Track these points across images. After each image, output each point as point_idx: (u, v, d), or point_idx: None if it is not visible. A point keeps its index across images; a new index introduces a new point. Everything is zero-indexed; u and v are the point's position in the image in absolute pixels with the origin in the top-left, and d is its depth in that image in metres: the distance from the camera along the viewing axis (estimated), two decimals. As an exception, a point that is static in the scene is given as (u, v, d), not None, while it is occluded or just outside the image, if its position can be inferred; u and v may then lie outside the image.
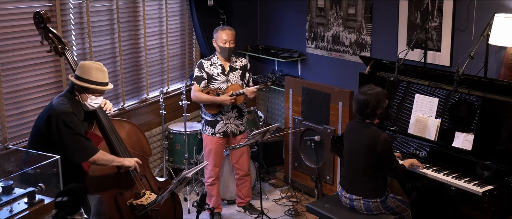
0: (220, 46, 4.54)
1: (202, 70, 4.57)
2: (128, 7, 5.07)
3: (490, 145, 3.68)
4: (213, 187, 4.77)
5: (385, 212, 3.74)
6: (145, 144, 3.96)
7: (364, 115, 3.70)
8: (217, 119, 4.62)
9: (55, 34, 3.60)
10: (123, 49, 5.06)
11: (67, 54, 3.62)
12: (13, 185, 2.86)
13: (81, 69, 3.41)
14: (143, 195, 3.69)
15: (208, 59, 4.64)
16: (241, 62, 4.68)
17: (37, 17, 3.53)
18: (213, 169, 4.71)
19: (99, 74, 3.42)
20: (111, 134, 3.65)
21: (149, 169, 3.98)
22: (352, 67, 5.33)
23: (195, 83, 4.56)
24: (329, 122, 5.00)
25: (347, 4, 5.38)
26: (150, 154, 4.03)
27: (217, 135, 4.64)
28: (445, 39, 4.60)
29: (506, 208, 3.46)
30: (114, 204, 3.62)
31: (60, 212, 2.49)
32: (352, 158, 3.81)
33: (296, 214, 4.92)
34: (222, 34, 4.52)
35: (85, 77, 3.39)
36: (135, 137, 3.89)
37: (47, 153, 3.07)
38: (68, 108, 3.35)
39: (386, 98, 3.75)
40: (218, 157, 4.70)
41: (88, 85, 3.39)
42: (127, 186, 3.70)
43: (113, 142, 3.64)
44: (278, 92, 6.10)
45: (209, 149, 4.70)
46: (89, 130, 3.62)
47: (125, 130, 3.84)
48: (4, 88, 4.01)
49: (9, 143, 4.06)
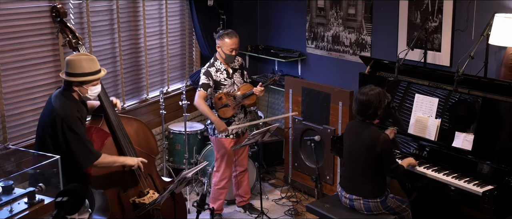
0: (226, 53, 4.49)
1: (210, 78, 4.51)
2: (128, 7, 5.07)
3: (490, 145, 3.68)
4: (224, 191, 4.75)
5: (385, 212, 3.74)
6: (152, 142, 3.96)
7: (366, 116, 3.70)
8: (230, 120, 4.61)
9: (70, 28, 3.67)
10: (123, 49, 5.06)
11: (80, 48, 3.67)
12: (13, 185, 2.86)
13: (71, 65, 3.37)
14: (146, 194, 3.71)
15: (212, 66, 4.56)
16: (238, 62, 4.68)
17: (55, 11, 3.63)
18: (227, 170, 4.69)
19: (91, 64, 3.41)
20: (118, 130, 3.66)
21: (155, 168, 3.99)
22: (352, 67, 5.33)
23: (202, 90, 4.49)
24: (329, 122, 5.00)
25: (347, 4, 5.38)
26: (157, 153, 4.04)
27: (231, 136, 4.63)
28: (445, 39, 4.60)
29: (506, 208, 3.46)
30: (117, 201, 3.64)
31: (60, 212, 2.49)
32: (352, 158, 3.81)
33: (296, 214, 4.92)
34: (228, 42, 4.46)
35: (79, 72, 3.36)
36: (142, 135, 3.90)
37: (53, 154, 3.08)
38: (72, 111, 3.34)
39: (386, 98, 3.76)
40: (230, 159, 4.69)
41: (84, 79, 3.37)
42: (132, 183, 3.71)
43: (120, 138, 3.66)
44: (278, 92, 6.10)
45: (223, 152, 4.64)
46: (97, 125, 3.62)
47: (133, 127, 3.84)
48: (4, 88, 4.01)
49: (9, 143, 4.06)
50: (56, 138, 3.32)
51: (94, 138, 3.59)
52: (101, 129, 3.63)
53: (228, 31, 4.54)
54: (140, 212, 3.53)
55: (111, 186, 3.61)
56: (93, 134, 3.61)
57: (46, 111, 3.44)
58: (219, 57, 4.58)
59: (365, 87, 3.74)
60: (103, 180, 3.57)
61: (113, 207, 3.61)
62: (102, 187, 3.59)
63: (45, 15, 4.28)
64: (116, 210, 3.63)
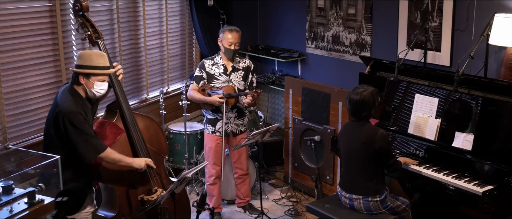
0: (225, 47, 4.53)
1: (202, 70, 4.57)
2: (128, 7, 5.07)
3: (490, 145, 3.68)
4: (214, 187, 4.77)
5: (385, 212, 3.74)
6: (163, 141, 3.97)
7: (361, 117, 3.72)
8: (217, 117, 4.62)
9: (92, 23, 3.72)
10: (123, 49, 5.06)
11: (100, 43, 3.72)
12: (13, 185, 2.86)
13: (82, 58, 3.41)
14: (154, 192, 3.72)
15: (210, 59, 4.63)
16: (245, 63, 4.67)
17: (78, 5, 3.67)
18: (214, 167, 4.70)
19: (101, 59, 3.43)
20: (132, 126, 3.67)
21: (163, 168, 3.99)
22: (352, 67, 5.33)
23: (194, 83, 4.57)
24: (329, 122, 5.00)
25: (347, 4, 5.38)
26: (167, 152, 4.04)
27: (217, 134, 4.64)
28: (445, 39, 4.60)
29: (506, 208, 3.46)
30: (125, 197, 3.64)
31: (60, 212, 2.49)
32: (350, 158, 3.82)
33: (296, 214, 4.92)
34: (228, 35, 4.50)
35: (87, 64, 3.39)
36: (154, 132, 3.90)
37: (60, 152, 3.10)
38: (73, 106, 3.35)
39: (379, 96, 3.78)
40: (218, 156, 4.70)
41: (92, 71, 3.39)
42: (142, 181, 3.71)
43: (133, 135, 3.67)
44: (278, 92, 6.10)
45: (209, 147, 4.69)
46: (111, 120, 3.63)
47: (144, 123, 3.84)
48: (4, 88, 4.01)
49: (9, 143, 4.06)
50: (60, 132, 3.35)
51: (107, 133, 3.60)
52: (115, 124, 3.64)
53: (232, 26, 4.58)
54: (140, 212, 3.53)
55: (122, 181, 3.62)
56: (107, 128, 3.63)
57: (52, 106, 3.47)
58: (221, 53, 4.61)
59: (358, 88, 3.75)
60: (114, 175, 3.57)
61: (121, 203, 3.62)
62: (112, 182, 3.60)
63: (45, 15, 4.29)
64: (124, 206, 3.64)
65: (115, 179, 3.60)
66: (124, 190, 3.64)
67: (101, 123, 3.69)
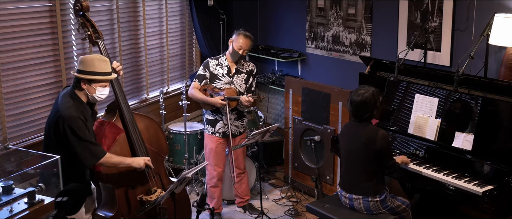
0: (234, 49, 4.52)
1: (206, 69, 4.56)
2: (128, 7, 5.07)
3: (490, 145, 3.68)
4: (216, 189, 4.75)
5: (385, 212, 3.74)
6: (163, 142, 3.97)
7: (363, 118, 3.71)
8: (217, 118, 4.61)
9: (92, 23, 3.73)
10: (123, 49, 5.06)
11: (99, 43, 3.72)
12: (13, 185, 2.86)
13: (84, 63, 3.40)
14: (154, 192, 3.72)
15: (215, 59, 4.63)
16: (248, 67, 4.67)
17: (78, 5, 3.68)
18: (215, 169, 4.70)
19: (103, 64, 3.42)
20: (131, 126, 3.68)
21: (163, 168, 3.99)
22: (352, 67, 5.33)
23: (196, 81, 4.56)
24: (329, 122, 5.00)
25: (347, 4, 5.38)
26: (167, 152, 4.04)
27: (216, 135, 4.64)
28: (445, 39, 4.60)
29: (506, 208, 3.46)
30: (124, 197, 3.65)
31: (60, 212, 2.49)
32: (350, 158, 3.82)
33: (296, 214, 4.92)
34: (240, 40, 4.49)
35: (89, 70, 3.38)
36: (154, 132, 3.90)
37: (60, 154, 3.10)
38: (74, 112, 3.35)
39: (380, 96, 3.77)
40: (218, 157, 4.69)
41: (94, 77, 3.38)
42: (141, 181, 3.72)
43: (132, 135, 3.67)
44: (278, 92, 6.10)
45: (210, 149, 4.69)
46: (111, 120, 3.63)
47: (144, 124, 3.84)
48: (4, 88, 4.01)
49: (9, 143, 4.06)
50: (60, 136, 3.35)
51: (107, 133, 3.61)
52: (114, 124, 3.64)
53: (248, 33, 4.57)
54: (139, 212, 3.53)
55: (121, 182, 3.62)
56: (106, 128, 3.63)
57: (53, 110, 3.47)
58: (227, 53, 4.61)
59: (359, 89, 3.75)
60: (113, 176, 3.58)
61: (120, 203, 3.63)
62: (111, 183, 3.61)
63: (45, 15, 4.29)
64: (123, 207, 3.64)
65: (115, 180, 3.60)
66: (123, 190, 3.64)
67: (101, 122, 3.70)
